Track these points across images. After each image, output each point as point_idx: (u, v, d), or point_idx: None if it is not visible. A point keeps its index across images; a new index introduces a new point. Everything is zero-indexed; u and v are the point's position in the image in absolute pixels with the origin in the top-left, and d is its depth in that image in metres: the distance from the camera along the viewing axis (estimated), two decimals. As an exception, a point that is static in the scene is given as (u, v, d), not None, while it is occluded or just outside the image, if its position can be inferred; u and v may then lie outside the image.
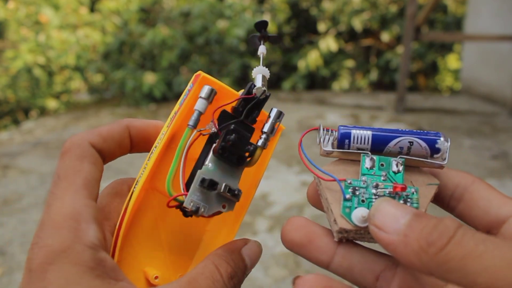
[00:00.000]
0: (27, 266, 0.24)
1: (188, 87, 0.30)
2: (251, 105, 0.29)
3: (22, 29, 5.61)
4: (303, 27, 6.61)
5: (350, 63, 6.38)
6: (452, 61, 6.34)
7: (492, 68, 4.65)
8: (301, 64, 6.02)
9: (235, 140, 0.28)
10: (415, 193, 0.27)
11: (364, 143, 0.27)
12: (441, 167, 0.28)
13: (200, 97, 0.29)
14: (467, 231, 0.21)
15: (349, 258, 0.27)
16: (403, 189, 0.26)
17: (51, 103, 5.47)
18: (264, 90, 0.29)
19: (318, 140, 0.29)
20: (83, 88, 6.02)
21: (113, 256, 0.28)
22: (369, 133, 0.27)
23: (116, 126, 0.30)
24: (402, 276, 0.27)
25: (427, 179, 0.28)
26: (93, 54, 5.35)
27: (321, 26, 6.34)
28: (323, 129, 0.28)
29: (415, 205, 0.26)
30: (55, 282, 0.23)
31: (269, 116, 0.30)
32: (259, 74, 0.30)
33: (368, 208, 0.26)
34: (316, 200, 0.29)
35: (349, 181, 0.27)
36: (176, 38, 4.93)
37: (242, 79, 5.66)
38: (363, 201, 0.27)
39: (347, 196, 0.27)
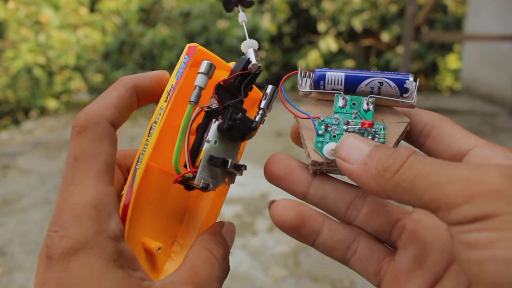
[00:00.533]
0: (45, 253, 0.23)
1: (183, 59, 0.29)
2: (247, 81, 0.30)
3: (22, 29, 5.61)
4: (303, 27, 6.61)
5: (350, 63, 6.38)
6: (452, 61, 6.34)
7: (492, 68, 4.65)
8: (301, 64, 6.03)
9: (241, 119, 0.29)
10: (383, 129, 0.29)
11: (338, 84, 0.29)
12: (412, 106, 0.29)
13: (200, 72, 0.29)
14: (419, 156, 0.23)
15: (323, 188, 0.29)
16: (371, 125, 0.28)
17: (51, 103, 5.47)
18: (259, 66, 0.31)
19: (297, 82, 0.31)
20: (83, 88, 6.02)
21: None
22: (342, 74, 0.29)
23: (124, 90, 0.28)
24: (370, 204, 0.29)
25: (398, 117, 0.29)
26: (93, 54, 5.35)
27: (321, 26, 6.34)
28: (302, 72, 0.30)
29: (381, 139, 0.28)
30: (79, 274, 0.23)
31: (265, 93, 0.31)
32: (250, 49, 0.31)
33: None
34: (297, 138, 0.32)
35: (322, 119, 0.29)
36: (176, 38, 4.93)
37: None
38: (334, 136, 0.29)
39: (320, 132, 0.29)
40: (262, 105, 0.31)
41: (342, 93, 0.30)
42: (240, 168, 0.30)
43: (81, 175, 0.25)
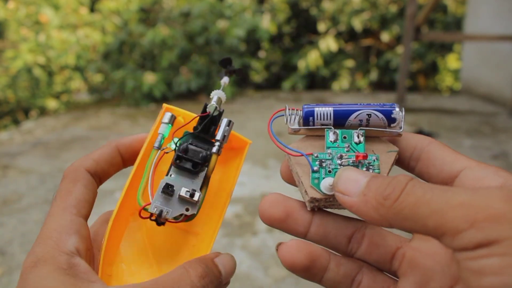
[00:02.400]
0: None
1: (160, 119, 0.34)
2: (207, 121, 0.33)
3: (22, 29, 5.61)
4: (303, 27, 6.62)
5: (350, 63, 6.38)
6: (452, 61, 6.34)
7: (492, 68, 4.65)
8: (301, 64, 6.02)
9: (186, 148, 0.32)
10: (376, 160, 0.29)
11: (327, 118, 0.30)
12: (399, 135, 0.30)
13: (163, 122, 0.34)
14: (417, 182, 0.23)
15: (323, 225, 0.30)
16: (365, 157, 0.29)
17: (51, 103, 5.47)
18: (216, 107, 0.33)
19: (285, 120, 0.31)
20: (83, 88, 6.02)
21: (97, 271, 0.31)
22: (330, 109, 0.30)
23: (107, 148, 0.34)
24: (370, 236, 0.29)
25: (387, 147, 0.30)
26: (93, 54, 5.35)
27: (321, 26, 6.34)
28: (289, 109, 0.31)
29: (376, 170, 0.29)
30: (32, 281, 0.27)
31: (220, 125, 0.34)
32: (215, 95, 0.34)
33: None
34: (288, 176, 0.32)
35: (315, 155, 0.30)
36: (176, 38, 4.93)
37: (242, 79, 5.66)
38: (329, 171, 0.29)
39: (315, 168, 0.29)
40: (217, 137, 0.33)
41: (332, 127, 0.30)
42: (191, 194, 0.31)
43: (55, 209, 0.31)
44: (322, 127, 0.30)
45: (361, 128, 0.30)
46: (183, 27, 5.05)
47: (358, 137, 0.30)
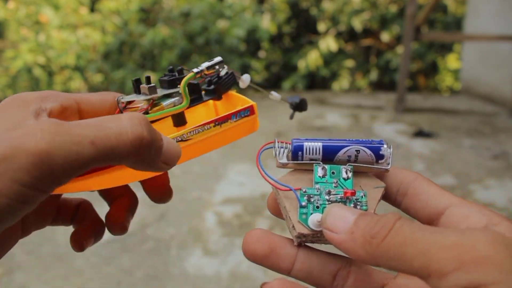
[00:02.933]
0: None
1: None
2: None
3: (22, 29, 5.60)
4: (303, 27, 6.61)
5: (350, 63, 6.38)
6: (452, 61, 6.34)
7: (492, 68, 4.65)
8: (301, 64, 6.02)
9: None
10: (364, 196, 0.29)
11: (316, 153, 0.30)
12: (387, 171, 0.30)
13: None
14: (405, 222, 0.23)
15: (308, 262, 0.29)
16: (353, 194, 0.29)
17: (51, 103, 5.46)
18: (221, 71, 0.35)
19: (274, 153, 0.32)
20: (83, 88, 6.02)
21: None
22: (319, 144, 0.30)
23: (65, 98, 0.32)
24: (355, 273, 0.29)
25: (374, 182, 0.30)
26: (93, 54, 5.35)
27: (321, 26, 6.34)
28: (278, 143, 0.31)
29: (364, 207, 0.29)
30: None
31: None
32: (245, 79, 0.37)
33: (322, 213, 0.29)
34: (275, 209, 0.32)
35: (304, 190, 0.30)
36: (176, 38, 4.93)
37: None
38: (317, 207, 0.29)
39: (303, 203, 0.29)
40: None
41: (321, 162, 0.30)
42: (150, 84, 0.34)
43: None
44: (311, 162, 0.30)
45: (350, 164, 0.30)
46: (183, 27, 5.05)
47: (346, 172, 0.30)
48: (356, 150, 0.30)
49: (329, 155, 0.30)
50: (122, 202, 0.37)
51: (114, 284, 1.61)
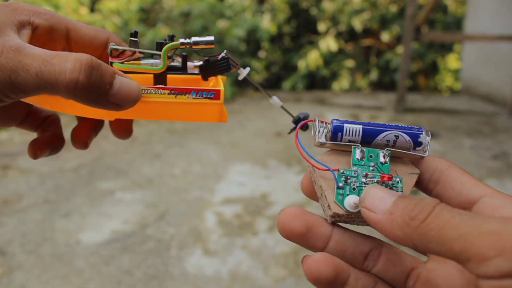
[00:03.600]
0: None
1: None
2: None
3: (22, 29, 5.60)
4: (303, 27, 6.61)
5: (350, 63, 6.38)
6: (452, 61, 6.34)
7: (492, 68, 4.65)
8: (301, 64, 6.02)
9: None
10: (399, 182, 0.30)
11: (355, 136, 0.30)
12: (422, 158, 0.31)
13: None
14: (445, 206, 0.24)
15: (342, 242, 0.30)
16: (390, 178, 0.29)
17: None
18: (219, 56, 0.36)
19: (312, 131, 0.31)
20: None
21: None
22: (359, 127, 0.30)
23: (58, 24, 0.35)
24: (386, 254, 0.30)
25: (408, 168, 0.31)
26: (93, 54, 5.35)
27: (321, 26, 6.34)
28: (319, 121, 0.31)
29: (400, 192, 0.29)
30: None
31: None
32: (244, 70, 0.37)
33: (358, 195, 0.29)
34: (309, 190, 0.32)
35: (341, 171, 0.30)
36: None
37: (242, 79, 5.65)
38: (354, 189, 0.30)
39: (340, 184, 0.30)
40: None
41: (360, 145, 0.30)
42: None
43: None
44: (349, 143, 0.30)
45: (388, 148, 0.30)
46: (183, 27, 5.05)
47: (384, 157, 0.30)
48: (395, 136, 0.30)
49: (368, 138, 0.30)
50: (89, 121, 0.40)
51: (114, 284, 1.61)
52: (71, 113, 0.34)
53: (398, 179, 0.30)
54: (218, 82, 0.37)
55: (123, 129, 0.41)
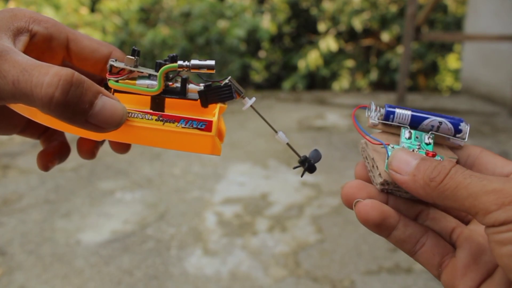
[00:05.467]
0: None
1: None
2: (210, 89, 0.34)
3: (22, 29, 5.59)
4: (303, 27, 6.61)
5: (350, 63, 6.38)
6: (452, 61, 6.34)
7: (492, 68, 4.65)
8: (301, 64, 6.02)
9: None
10: (441, 160, 0.33)
11: (404, 120, 0.35)
12: (460, 146, 0.35)
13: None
14: (459, 169, 0.28)
15: (395, 206, 0.33)
16: (434, 155, 0.33)
17: (51, 103, 5.47)
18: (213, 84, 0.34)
19: (367, 114, 0.36)
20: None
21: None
22: (409, 113, 0.35)
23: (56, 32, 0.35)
24: (434, 214, 0.35)
25: (448, 153, 0.35)
26: (93, 54, 5.35)
27: (321, 26, 6.34)
28: (374, 105, 0.36)
29: None
30: None
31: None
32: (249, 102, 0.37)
33: None
34: (361, 174, 0.36)
35: (391, 146, 0.34)
36: (177, 38, 4.93)
37: (242, 79, 5.66)
38: None
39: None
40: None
41: (408, 127, 0.35)
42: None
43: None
44: (399, 125, 0.35)
45: (432, 132, 0.35)
46: (184, 27, 5.05)
47: (428, 139, 0.35)
48: (439, 122, 0.34)
49: (415, 123, 0.35)
50: None
51: (114, 284, 1.61)
52: (57, 128, 0.32)
53: (440, 158, 0.33)
54: (215, 111, 0.35)
55: (119, 144, 0.39)
